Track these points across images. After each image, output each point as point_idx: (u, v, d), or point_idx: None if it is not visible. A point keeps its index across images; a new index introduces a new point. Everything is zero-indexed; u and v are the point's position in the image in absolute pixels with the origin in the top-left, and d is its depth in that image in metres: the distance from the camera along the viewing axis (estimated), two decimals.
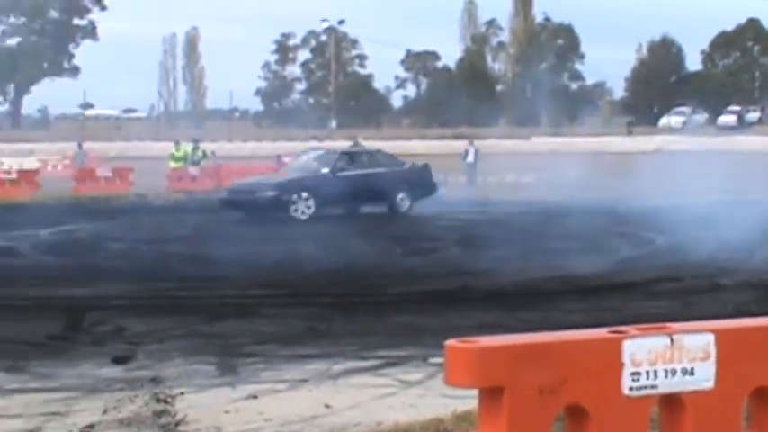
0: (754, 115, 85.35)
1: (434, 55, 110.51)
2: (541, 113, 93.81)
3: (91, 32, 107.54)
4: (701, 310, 12.27)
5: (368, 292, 14.85)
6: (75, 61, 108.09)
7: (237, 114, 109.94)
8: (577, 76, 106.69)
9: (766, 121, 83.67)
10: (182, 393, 8.80)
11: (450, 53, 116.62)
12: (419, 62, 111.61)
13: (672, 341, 4.47)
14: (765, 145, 58.06)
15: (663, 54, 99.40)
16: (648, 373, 4.43)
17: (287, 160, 46.29)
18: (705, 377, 4.51)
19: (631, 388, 4.41)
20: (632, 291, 14.72)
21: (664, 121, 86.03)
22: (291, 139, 73.52)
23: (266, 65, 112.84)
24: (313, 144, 50.89)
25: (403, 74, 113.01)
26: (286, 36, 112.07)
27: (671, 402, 4.53)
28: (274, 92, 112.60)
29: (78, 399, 8.77)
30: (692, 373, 4.49)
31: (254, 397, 8.73)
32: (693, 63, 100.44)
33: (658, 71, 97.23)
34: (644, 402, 4.45)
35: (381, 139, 71.11)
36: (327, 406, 8.36)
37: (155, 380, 9.34)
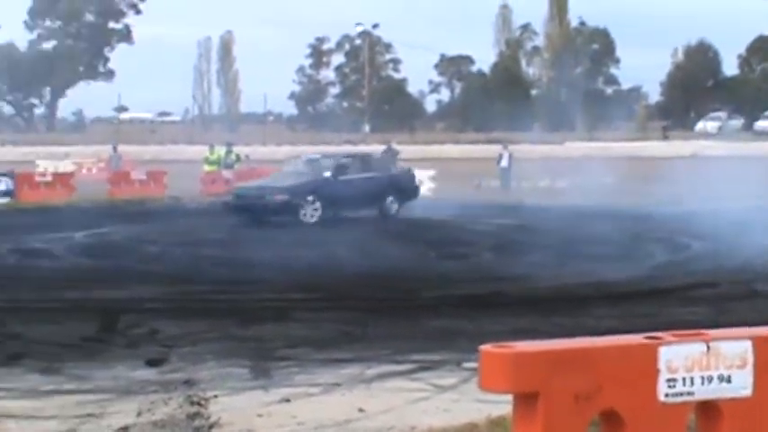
0: None
1: (468, 59, 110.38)
2: (576, 118, 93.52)
3: (126, 36, 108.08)
4: (738, 317, 12.17)
5: (402, 297, 14.82)
6: (110, 65, 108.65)
7: (271, 118, 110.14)
8: (612, 81, 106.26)
9: None
10: (215, 396, 8.81)
11: (484, 57, 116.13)
12: (453, 66, 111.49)
13: (708, 348, 4.44)
14: None
15: (699, 58, 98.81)
16: (685, 380, 4.40)
17: None
18: (742, 385, 4.47)
19: (667, 394, 4.38)
20: (668, 297, 14.62)
21: (700, 126, 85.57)
22: (325, 143, 73.58)
23: (300, 69, 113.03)
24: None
25: (437, 78, 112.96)
26: (320, 40, 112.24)
27: (708, 409, 4.50)
28: (308, 96, 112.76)
29: (113, 401, 8.80)
30: (729, 381, 4.45)
31: (287, 400, 8.73)
32: (730, 67, 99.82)
33: (694, 75, 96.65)
34: (680, 409, 4.42)
35: (414, 144, 71.20)
36: (361, 410, 8.35)
37: (188, 383, 9.35)
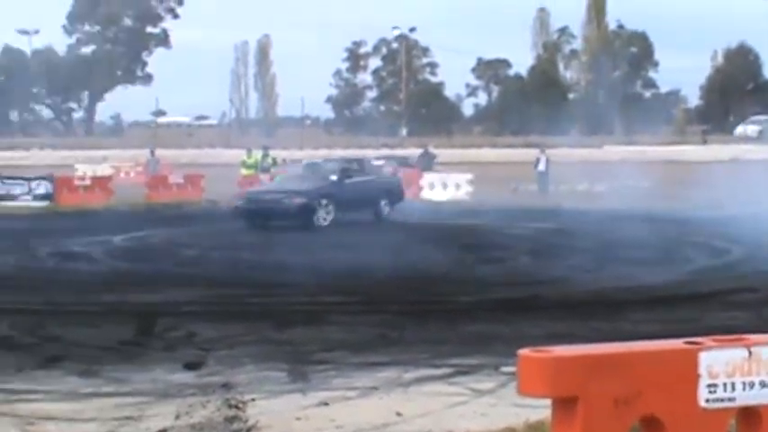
0: None
1: (506, 63, 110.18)
2: (614, 122, 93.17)
3: (164, 40, 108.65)
4: None
5: (439, 300, 14.80)
6: (148, 69, 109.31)
7: (309, 122, 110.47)
8: (651, 84, 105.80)
9: None
10: (253, 399, 8.82)
11: (521, 61, 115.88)
12: (490, 70, 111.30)
13: (750, 353, 4.40)
14: None
15: (739, 61, 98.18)
16: (726, 386, 4.36)
17: None
18: None
19: (708, 400, 4.34)
20: (708, 301, 14.51)
21: (739, 130, 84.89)
22: (362, 147, 73.69)
23: (337, 72, 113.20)
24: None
25: (474, 81, 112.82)
26: (357, 44, 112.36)
27: (749, 415, 4.45)
28: (345, 99, 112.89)
29: (151, 404, 8.83)
30: None
31: (324, 404, 8.73)
32: None
33: (734, 79, 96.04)
34: (721, 415, 4.38)
35: (452, 147, 71.17)
36: (398, 414, 8.34)
37: (226, 386, 9.37)
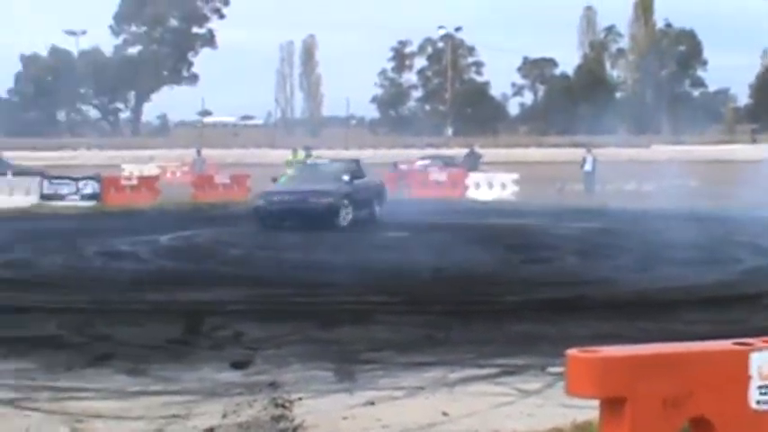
0: None
1: (552, 62, 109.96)
2: (662, 121, 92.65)
3: (209, 41, 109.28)
4: None
5: (485, 300, 14.77)
6: (194, 69, 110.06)
7: (354, 122, 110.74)
8: (699, 83, 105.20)
9: None
10: (299, 399, 8.84)
11: (567, 60, 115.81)
12: (536, 69, 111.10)
13: None
14: None
15: None
16: None
17: (403, 168, 46.49)
18: None
19: (759, 402, 4.31)
20: (757, 302, 14.36)
21: None
22: (407, 147, 73.77)
23: (383, 72, 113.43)
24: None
25: (520, 81, 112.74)
26: (403, 43, 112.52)
27: None
28: (391, 99, 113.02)
29: (198, 402, 8.87)
30: None
31: (371, 403, 8.74)
32: None
33: None
34: None
35: (497, 147, 71.06)
36: (445, 414, 8.33)
37: (273, 385, 9.40)
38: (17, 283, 16.47)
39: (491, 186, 38.26)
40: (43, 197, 34.91)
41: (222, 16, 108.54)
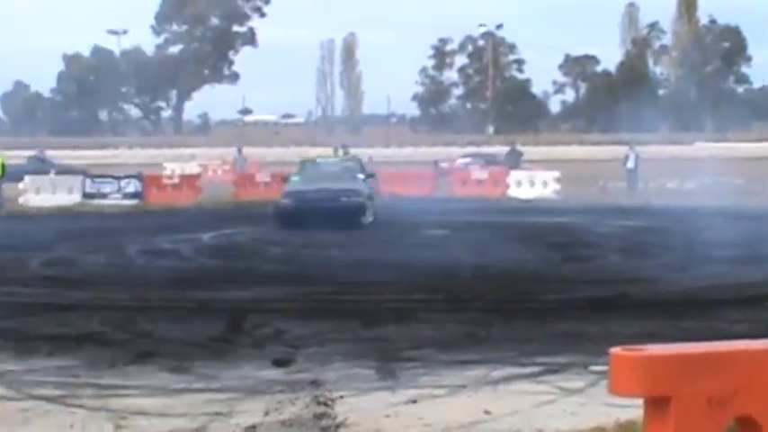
0: None
1: (594, 59, 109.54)
2: (705, 118, 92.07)
3: (250, 39, 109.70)
4: None
5: (526, 298, 14.73)
6: (234, 67, 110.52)
7: (394, 119, 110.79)
8: (744, 80, 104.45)
9: None
10: (342, 397, 8.85)
11: (610, 57, 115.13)
12: (578, 66, 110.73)
13: None
14: None
15: None
16: None
17: (444, 166, 46.47)
18: None
19: None
20: None
21: None
22: (448, 145, 73.73)
23: (423, 70, 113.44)
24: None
25: (561, 78, 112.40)
26: (443, 41, 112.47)
27: None
28: (431, 97, 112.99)
29: (240, 400, 8.89)
30: None
31: (413, 402, 8.73)
32: None
33: None
34: None
35: (539, 145, 70.89)
36: (487, 412, 8.31)
37: (315, 383, 9.41)
38: (60, 281, 16.60)
39: (532, 184, 38.15)
40: (86, 196, 35.19)
41: (263, 15, 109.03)
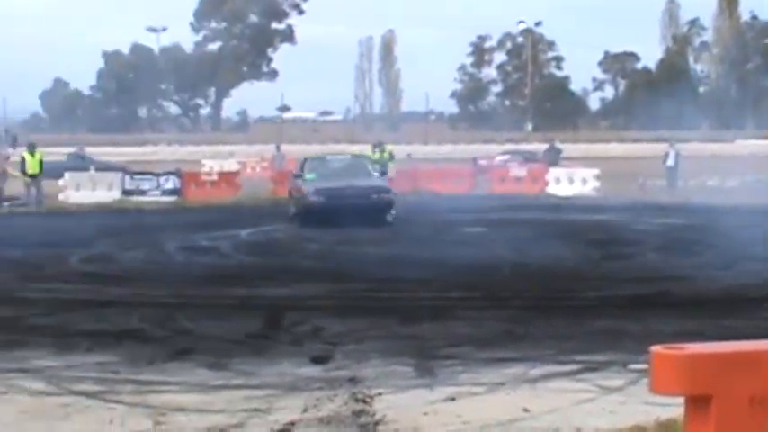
0: None
1: (634, 56, 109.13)
2: (746, 115, 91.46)
3: (289, 36, 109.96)
4: None
5: (565, 296, 14.67)
6: (273, 65, 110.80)
7: (433, 117, 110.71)
8: None
9: None
10: (380, 394, 8.85)
11: (649, 54, 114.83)
12: (618, 63, 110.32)
13: None
14: None
15: None
16: None
17: (483, 163, 46.39)
18: None
19: None
20: None
21: None
22: (487, 142, 73.63)
23: (462, 67, 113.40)
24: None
25: (601, 75, 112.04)
26: (482, 38, 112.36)
27: None
28: (470, 94, 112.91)
29: (279, 396, 8.91)
30: None
31: (451, 399, 8.71)
32: None
33: None
34: None
35: (578, 142, 70.64)
36: (526, 410, 8.28)
37: (353, 380, 9.41)
38: (100, 278, 16.69)
39: (571, 182, 38.00)
40: (125, 192, 35.36)
41: (301, 12, 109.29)
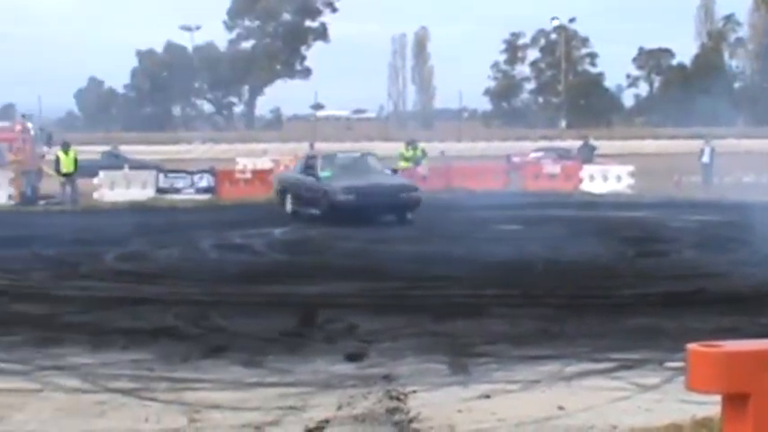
0: None
1: (668, 52, 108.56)
2: None
3: (322, 34, 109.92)
4: None
5: (600, 294, 14.60)
6: (306, 63, 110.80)
7: (466, 114, 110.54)
8: None
9: None
10: (414, 391, 8.84)
11: (684, 50, 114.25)
12: (652, 60, 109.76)
13: None
14: None
15: None
16: None
17: (516, 160, 46.25)
18: None
19: None
20: None
21: None
22: (521, 139, 73.43)
23: (495, 64, 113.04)
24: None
25: (635, 72, 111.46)
26: (515, 35, 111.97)
27: None
28: (503, 91, 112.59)
29: (313, 394, 8.91)
30: None
31: (486, 397, 8.69)
32: None
33: None
34: None
35: (612, 139, 70.33)
36: (561, 408, 8.25)
37: (387, 377, 9.41)
38: (135, 276, 16.75)
39: (606, 179, 37.84)
40: (159, 190, 35.47)
41: (335, 10, 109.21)
